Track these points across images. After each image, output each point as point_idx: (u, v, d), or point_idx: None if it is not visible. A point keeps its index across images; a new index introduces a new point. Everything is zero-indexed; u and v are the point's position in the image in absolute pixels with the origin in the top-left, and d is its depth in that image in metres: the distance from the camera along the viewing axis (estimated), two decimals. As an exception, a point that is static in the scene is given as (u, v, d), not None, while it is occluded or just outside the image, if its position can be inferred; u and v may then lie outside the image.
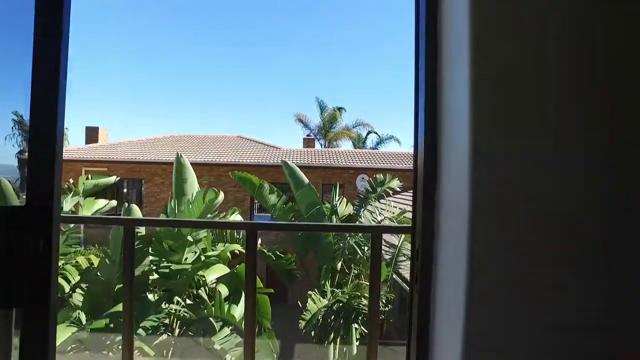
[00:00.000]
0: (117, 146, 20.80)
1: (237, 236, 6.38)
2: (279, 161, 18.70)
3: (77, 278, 6.65)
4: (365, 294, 6.99)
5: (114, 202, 7.14)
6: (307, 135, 29.06)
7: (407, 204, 12.51)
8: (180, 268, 5.24)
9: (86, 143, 21.27)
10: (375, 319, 2.17)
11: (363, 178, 20.33)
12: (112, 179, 6.81)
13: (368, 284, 7.73)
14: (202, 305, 5.09)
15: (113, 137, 23.22)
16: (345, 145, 34.71)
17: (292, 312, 6.71)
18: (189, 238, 5.34)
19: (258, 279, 2.73)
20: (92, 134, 21.28)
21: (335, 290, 6.64)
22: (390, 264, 7.78)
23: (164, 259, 5.61)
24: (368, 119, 37.22)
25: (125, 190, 20.64)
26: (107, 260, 5.94)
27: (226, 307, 4.75)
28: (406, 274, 7.47)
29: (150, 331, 5.21)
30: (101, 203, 7.07)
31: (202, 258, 5.01)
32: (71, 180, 6.49)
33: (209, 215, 5.65)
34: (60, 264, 6.82)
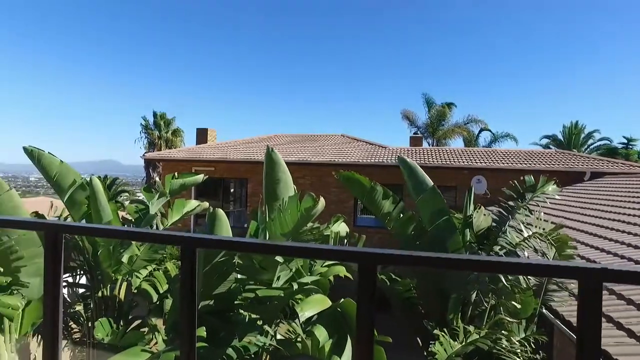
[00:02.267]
0: (224, 146, 21.17)
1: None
2: (388, 160, 17.22)
3: (165, 287, 5.97)
4: (510, 336, 5.17)
5: (205, 204, 6.34)
6: (414, 134, 27.02)
7: (556, 214, 10.04)
8: (270, 294, 4.07)
9: (197, 144, 22.06)
10: None
11: (479, 180, 17.83)
12: (200, 177, 5.99)
13: (512, 321, 5.90)
14: (298, 343, 3.88)
15: (221, 137, 23.88)
16: (456, 144, 31.81)
17: (409, 356, 5.20)
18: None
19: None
20: (202, 135, 22.00)
21: (469, 328, 4.97)
22: (539, 292, 5.83)
23: (250, 279, 4.55)
24: (481, 115, 33.91)
25: (232, 189, 20.93)
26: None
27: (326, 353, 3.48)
28: (567, 312, 5.44)
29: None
30: (192, 204, 6.31)
31: (295, 286, 3.75)
32: (157, 179, 5.76)
33: (309, 224, 4.44)
34: (149, 269, 6.23)
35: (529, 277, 5.14)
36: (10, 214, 4.61)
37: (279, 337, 4.27)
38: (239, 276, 4.86)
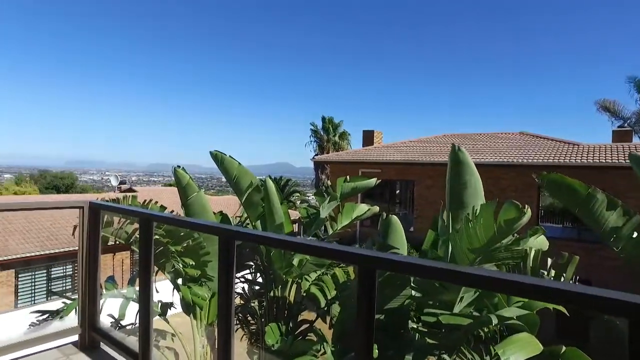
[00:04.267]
0: (390, 147, 20.83)
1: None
2: (585, 160, 14.33)
3: (333, 293, 5.76)
4: None
5: (375, 208, 5.93)
6: (620, 127, 22.13)
7: None
8: (455, 322, 3.35)
9: (363, 146, 22.27)
10: None
11: None
12: (372, 181, 5.58)
13: None
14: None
15: (387, 139, 23.63)
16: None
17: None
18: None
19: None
20: (368, 137, 22.11)
21: None
22: None
23: (427, 297, 3.89)
24: None
25: (398, 191, 20.46)
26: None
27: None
28: None
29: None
30: (362, 208, 5.97)
31: (494, 320, 2.92)
32: (329, 183, 5.56)
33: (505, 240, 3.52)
34: (318, 273, 6.11)
35: None
36: (200, 213, 4.96)
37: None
38: (414, 293, 4.28)
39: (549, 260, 3.86)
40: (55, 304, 5.49)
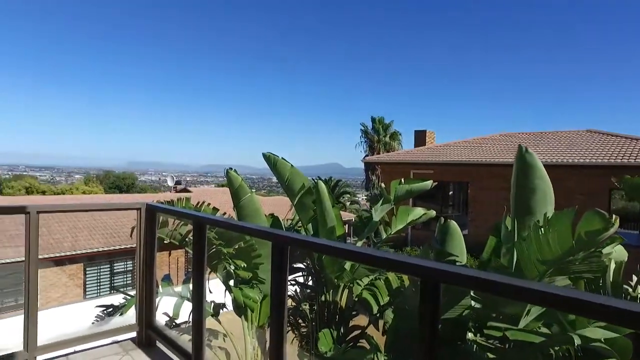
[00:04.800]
0: (443, 148, 20.14)
1: None
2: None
3: (386, 299, 5.56)
4: None
5: (432, 212, 5.66)
6: None
7: None
8: (525, 339, 3.06)
9: (415, 146, 21.72)
10: None
11: None
12: (428, 183, 5.32)
13: None
14: None
15: (440, 139, 22.90)
16: None
17: None
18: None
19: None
20: (420, 137, 21.54)
21: None
22: None
23: (490, 309, 3.61)
24: None
25: (451, 192, 19.76)
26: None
27: None
28: None
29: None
30: (418, 212, 5.72)
31: (576, 340, 2.56)
32: (382, 185, 5.39)
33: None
34: (371, 277, 5.93)
35: None
36: (252, 215, 4.95)
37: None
38: (474, 303, 4.00)
39: (635, 277, 3.45)
40: (117, 298, 5.73)
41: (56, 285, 16.12)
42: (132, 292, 5.81)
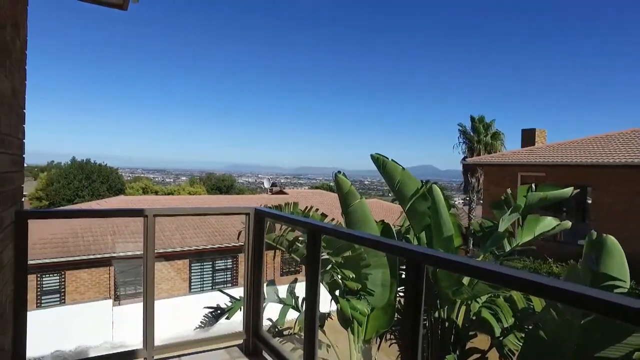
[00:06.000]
0: (557, 148, 18.03)
1: None
2: None
3: (510, 321, 4.82)
4: None
5: (567, 223, 4.80)
6: None
7: None
8: None
9: (522, 146, 19.79)
10: None
11: None
12: (568, 191, 4.52)
13: None
14: None
15: (552, 138, 20.62)
16: None
17: None
18: None
19: None
20: (528, 137, 19.57)
21: None
22: None
23: None
24: None
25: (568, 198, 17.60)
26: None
27: None
28: None
29: None
30: (549, 223, 4.90)
31: None
32: (509, 191, 4.68)
33: None
34: (491, 294, 5.22)
35: None
36: (361, 222, 4.61)
37: None
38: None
39: None
40: (220, 295, 5.77)
41: (166, 278, 17.47)
42: (233, 293, 5.84)
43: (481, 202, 27.69)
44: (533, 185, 4.68)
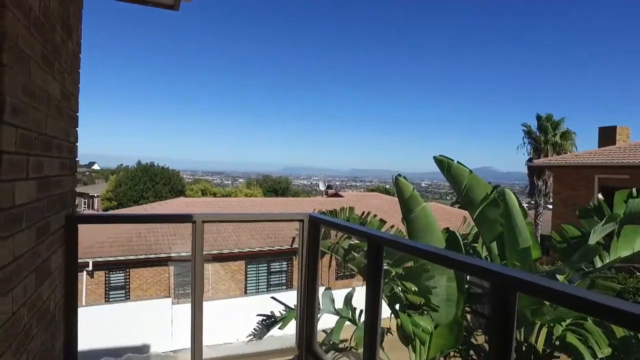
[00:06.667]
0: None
1: None
2: None
3: (606, 351, 4.13)
4: None
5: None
6: None
7: None
8: None
9: (599, 146, 18.07)
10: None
11: None
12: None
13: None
14: None
15: (636, 137, 18.65)
16: None
17: None
18: None
19: None
20: (607, 135, 17.83)
21: None
22: None
23: None
24: None
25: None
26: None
27: None
28: None
29: None
30: (649, 234, 4.18)
31: None
32: (600, 196, 4.03)
33: None
34: (577, 316, 4.55)
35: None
36: (424, 230, 4.19)
37: None
38: None
39: None
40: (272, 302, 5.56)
41: (224, 279, 17.79)
42: (288, 296, 5.60)
43: (549, 206, 25.73)
44: (634, 190, 3.98)
